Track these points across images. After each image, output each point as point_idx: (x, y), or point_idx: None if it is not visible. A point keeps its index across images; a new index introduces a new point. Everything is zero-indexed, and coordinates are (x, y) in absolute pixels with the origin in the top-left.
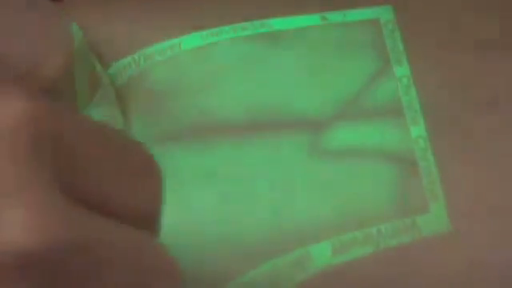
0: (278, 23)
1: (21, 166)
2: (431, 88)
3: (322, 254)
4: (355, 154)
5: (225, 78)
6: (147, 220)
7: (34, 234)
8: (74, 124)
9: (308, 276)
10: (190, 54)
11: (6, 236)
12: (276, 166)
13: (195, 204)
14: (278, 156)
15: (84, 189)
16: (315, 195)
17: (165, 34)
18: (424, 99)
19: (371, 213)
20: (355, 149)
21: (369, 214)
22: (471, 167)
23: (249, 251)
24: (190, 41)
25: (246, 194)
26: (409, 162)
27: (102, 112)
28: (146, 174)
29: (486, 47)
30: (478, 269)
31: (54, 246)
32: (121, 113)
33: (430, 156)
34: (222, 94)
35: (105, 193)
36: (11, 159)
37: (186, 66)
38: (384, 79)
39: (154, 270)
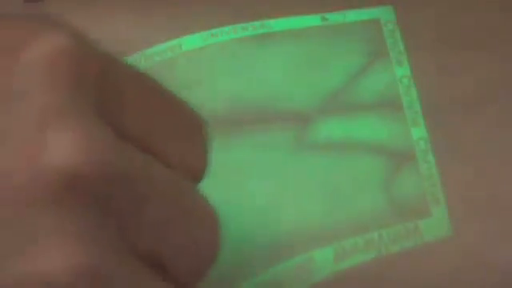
0: (278, 24)
1: (63, 94)
2: (432, 89)
3: (325, 260)
4: (348, 151)
5: (212, 76)
6: (191, 175)
7: (81, 155)
8: (120, 66)
9: (313, 283)
10: (190, 55)
11: (54, 157)
12: (264, 161)
13: None
14: (266, 150)
15: (127, 128)
16: (308, 192)
17: (165, 35)
18: (425, 100)
19: (371, 216)
20: (345, 142)
21: (368, 217)
22: (472, 169)
23: (249, 257)
24: (191, 42)
25: (238, 194)
26: (408, 163)
27: None
28: (194, 132)
29: (486, 47)
30: (480, 271)
31: (99, 170)
32: None
33: (431, 158)
34: (206, 91)
35: (149, 139)
36: (53, 88)
37: (185, 66)
38: (380, 76)
39: (192, 213)
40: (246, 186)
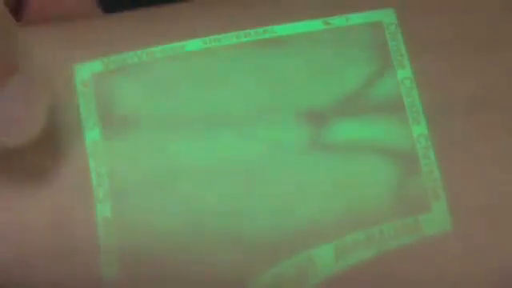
0: (280, 29)
1: None
2: (433, 90)
3: (326, 259)
4: (355, 150)
5: (228, 76)
6: None
7: None
8: None
9: (315, 283)
10: (194, 54)
11: None
12: (276, 159)
13: (194, 203)
14: (278, 150)
15: None
16: (315, 192)
17: (166, 39)
18: (426, 100)
19: (372, 212)
20: (355, 145)
21: (370, 212)
22: (473, 167)
23: (250, 255)
24: (193, 45)
25: (246, 191)
26: (410, 160)
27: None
28: None
29: (487, 48)
30: (480, 267)
31: None
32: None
33: (432, 154)
34: (225, 90)
35: None
36: None
37: (189, 63)
38: (385, 79)
39: None
40: (255, 185)
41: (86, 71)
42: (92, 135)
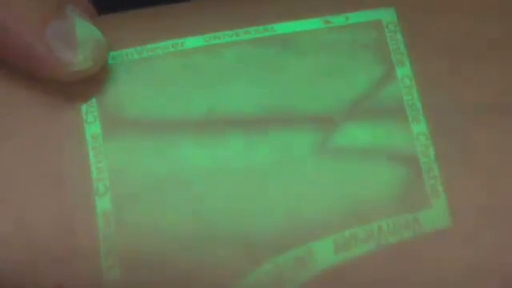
0: (280, 28)
1: None
2: (433, 89)
3: (325, 252)
4: (361, 154)
5: (235, 77)
6: None
7: None
8: None
9: (311, 276)
10: (195, 50)
11: None
12: (285, 162)
13: (197, 204)
14: (287, 153)
15: None
16: (320, 193)
17: (166, 36)
18: (426, 99)
19: (372, 208)
20: (361, 149)
21: (369, 209)
22: (472, 165)
23: (251, 249)
24: (193, 42)
25: (255, 190)
26: (411, 160)
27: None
28: None
29: (487, 48)
30: (480, 264)
31: None
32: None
33: (431, 152)
34: (233, 91)
35: None
36: None
37: (190, 60)
38: (389, 81)
39: None
40: (264, 184)
41: None
42: (92, 129)
